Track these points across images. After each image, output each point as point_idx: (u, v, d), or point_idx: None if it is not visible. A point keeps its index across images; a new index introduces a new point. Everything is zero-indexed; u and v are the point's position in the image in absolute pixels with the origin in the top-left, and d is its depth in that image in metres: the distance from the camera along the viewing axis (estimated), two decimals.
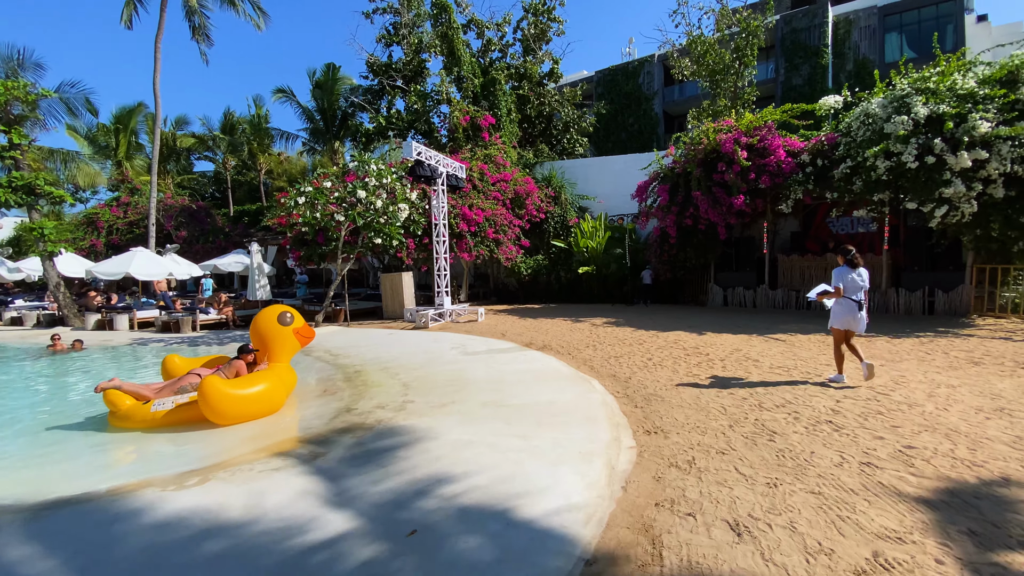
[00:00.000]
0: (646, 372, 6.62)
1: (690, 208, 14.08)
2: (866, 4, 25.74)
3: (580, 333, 10.19)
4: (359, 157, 11.97)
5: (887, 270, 12.73)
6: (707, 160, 14.02)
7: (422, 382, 6.54)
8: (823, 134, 12.77)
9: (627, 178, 18.92)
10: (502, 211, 15.99)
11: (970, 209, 9.27)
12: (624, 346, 8.54)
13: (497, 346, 9.03)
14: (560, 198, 18.52)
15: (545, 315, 13.96)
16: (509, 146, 18.77)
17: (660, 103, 31.28)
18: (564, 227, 18.45)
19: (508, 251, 16.16)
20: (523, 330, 10.96)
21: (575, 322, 12.10)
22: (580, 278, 18.45)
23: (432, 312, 12.61)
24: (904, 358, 6.90)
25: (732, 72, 20.60)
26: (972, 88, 9.71)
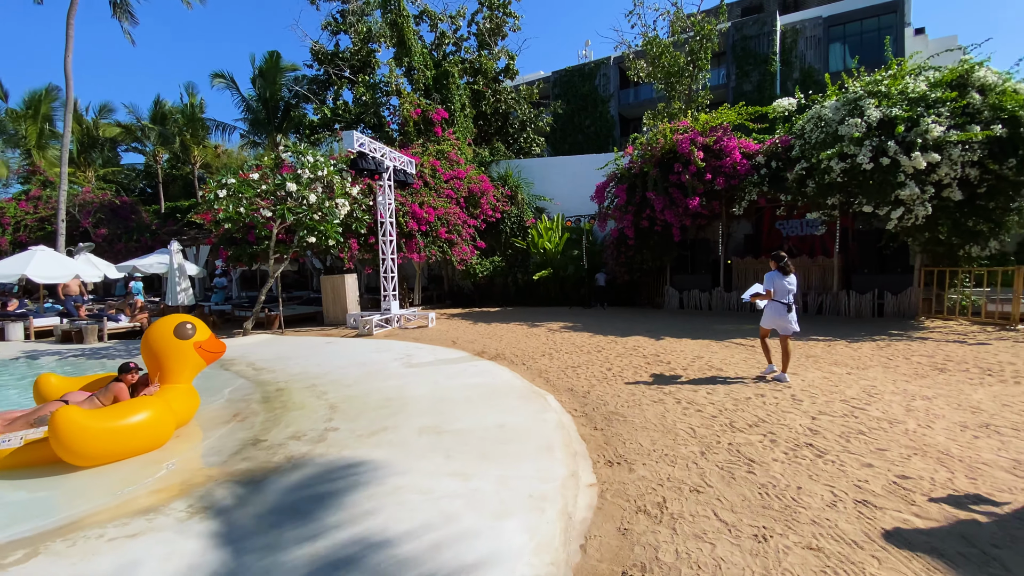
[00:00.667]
0: (606, 385, 6.01)
1: (647, 209, 13.78)
2: (812, 15, 26.63)
3: (536, 340, 9.54)
4: (294, 147, 10.85)
5: (838, 273, 12.83)
6: (664, 161, 13.76)
7: (353, 403, 5.66)
8: (777, 136, 12.74)
9: (584, 179, 18.54)
10: (455, 210, 15.18)
11: (924, 212, 9.28)
12: (582, 354, 7.95)
13: (446, 356, 8.24)
14: (517, 198, 17.89)
15: (501, 319, 13.25)
16: (463, 142, 17.97)
17: (616, 105, 31.33)
18: (521, 228, 17.82)
19: (462, 252, 15.36)
20: (476, 336, 10.20)
21: (531, 327, 11.46)
22: (537, 280, 17.88)
23: (377, 318, 11.64)
24: (868, 364, 6.64)
25: (687, 75, 20.67)
26: (923, 91, 9.78)
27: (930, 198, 9.41)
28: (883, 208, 9.41)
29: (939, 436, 3.98)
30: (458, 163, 16.49)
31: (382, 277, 12.15)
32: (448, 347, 9.15)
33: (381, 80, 19.38)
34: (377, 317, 11.64)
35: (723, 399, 5.26)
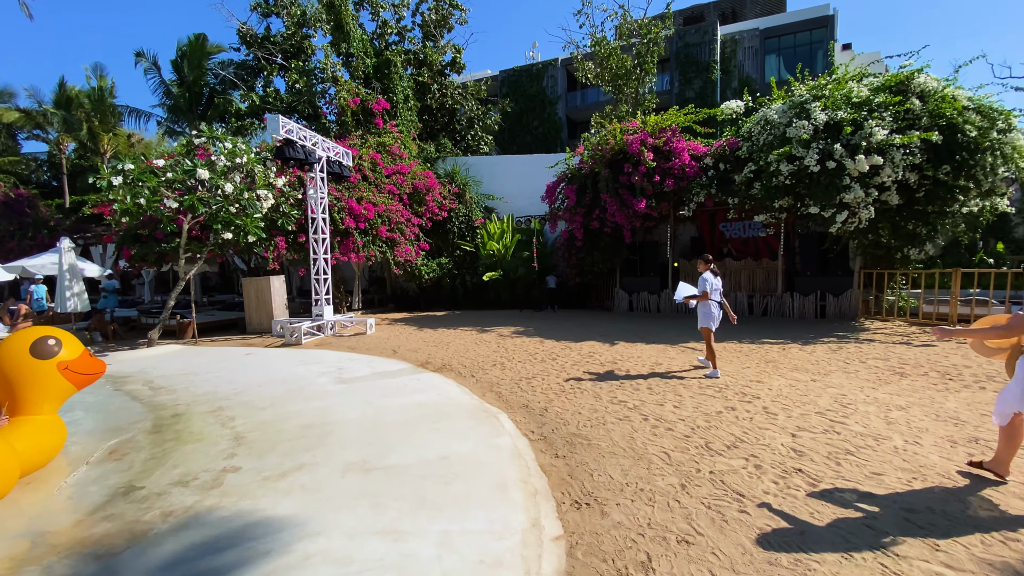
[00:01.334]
0: (564, 399, 5.38)
1: (596, 210, 13.42)
2: (749, 26, 27.68)
3: (486, 347, 8.81)
4: (209, 131, 9.52)
5: (782, 275, 13.00)
6: (614, 161, 13.46)
7: (265, 432, 4.68)
8: (724, 139, 12.74)
9: (534, 178, 18.03)
10: (398, 207, 14.17)
11: (867, 215, 9.39)
12: (536, 363, 7.29)
13: (385, 367, 7.33)
14: (465, 196, 17.09)
15: (448, 324, 12.41)
16: (407, 136, 16.95)
17: (564, 108, 31.25)
18: (470, 228, 17.03)
19: (405, 252, 14.37)
20: (420, 344, 9.33)
21: (481, 332, 10.71)
22: (486, 283, 17.15)
23: (308, 324, 10.47)
24: (828, 369, 6.43)
25: (634, 78, 20.72)
26: (866, 96, 9.94)
27: (873, 201, 9.55)
28: (828, 210, 9.44)
29: (932, 456, 3.63)
30: (401, 157, 15.47)
31: (313, 279, 10.99)
32: (388, 357, 8.23)
33: (316, 66, 17.96)
34: (307, 324, 10.47)
35: (692, 414, 4.75)
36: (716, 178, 12.22)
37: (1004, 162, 9.28)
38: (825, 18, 26.34)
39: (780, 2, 30.52)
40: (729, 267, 14.08)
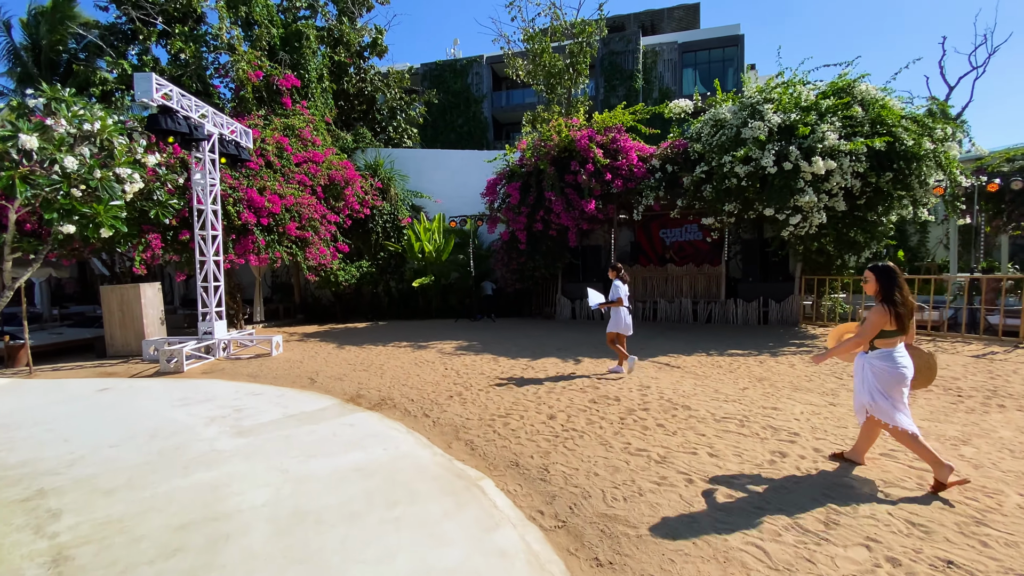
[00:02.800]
0: (565, 450, 4.07)
1: (540, 211, 12.37)
2: (669, 39, 28.55)
3: (431, 369, 7.26)
4: (52, 92, 6.97)
5: (725, 282, 12.82)
6: (559, 159, 12.52)
7: (110, 543, 2.85)
8: (671, 139, 12.30)
9: (467, 176, 16.64)
10: (311, 201, 12.05)
11: (819, 219, 9.20)
12: (502, 391, 5.92)
13: (301, 406, 5.55)
14: (389, 192, 15.22)
15: (375, 339, 10.58)
16: (320, 121, 14.75)
17: (489, 107, 30.19)
18: (395, 228, 15.19)
19: (319, 254, 12.26)
20: (345, 368, 7.54)
21: (418, 349, 9.10)
22: (415, 289, 15.41)
23: (192, 345, 8.19)
24: (834, 389, 5.78)
25: (567, 78, 20.13)
26: (814, 100, 9.84)
27: (824, 207, 9.42)
28: (783, 213, 9.13)
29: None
30: (314, 144, 13.31)
31: (200, 287, 8.69)
32: (304, 389, 6.40)
33: (208, 32, 15.10)
34: (191, 345, 8.19)
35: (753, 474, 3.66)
36: (664, 180, 11.69)
37: (939, 171, 9.57)
38: (735, 37, 27.86)
39: (694, 19, 31.97)
40: (671, 273, 13.72)
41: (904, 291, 3.14)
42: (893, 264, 3.24)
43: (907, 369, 3.17)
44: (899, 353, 3.19)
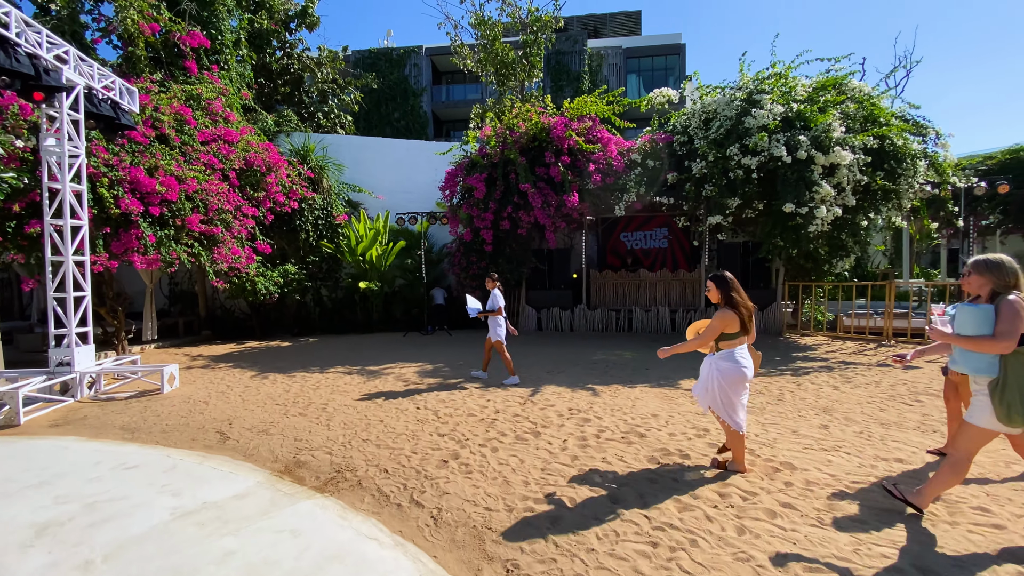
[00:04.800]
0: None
1: (508, 207, 10.73)
2: (614, 43, 28.22)
3: (397, 410, 5.32)
4: None
5: (704, 288, 11.89)
6: (530, 148, 10.98)
7: None
8: (650, 132, 11.20)
9: (414, 169, 14.65)
10: (222, 188, 9.55)
11: (834, 214, 8.36)
12: (517, 447, 4.14)
13: (203, 493, 3.47)
14: (322, 183, 12.86)
15: (308, 361, 8.34)
16: (236, 94, 12.13)
17: (429, 102, 28.18)
18: (329, 226, 12.84)
19: (232, 255, 9.77)
20: (272, 412, 5.40)
21: (369, 376, 7.06)
22: (351, 298, 13.13)
23: (37, 383, 5.62)
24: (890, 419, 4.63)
25: (520, 69, 18.74)
26: (811, 93, 9.11)
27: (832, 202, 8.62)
28: (805, 207, 8.18)
29: None
30: (227, 119, 10.75)
31: (51, 298, 6.09)
32: (209, 452, 4.26)
33: None
34: (36, 383, 5.62)
35: None
36: (646, 176, 10.51)
37: (932, 172, 9.15)
38: (677, 46, 28.08)
39: (636, 26, 32.07)
40: (644, 279, 12.63)
41: (741, 295, 3.29)
42: (728, 273, 3.35)
43: (748, 369, 3.31)
44: (741, 354, 3.32)
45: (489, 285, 6.68)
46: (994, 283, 2.54)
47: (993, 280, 2.54)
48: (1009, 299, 2.45)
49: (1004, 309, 2.43)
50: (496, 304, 6.50)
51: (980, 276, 2.59)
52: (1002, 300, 2.47)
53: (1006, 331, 2.39)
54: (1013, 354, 2.43)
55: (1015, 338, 2.39)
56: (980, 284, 2.60)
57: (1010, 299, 2.45)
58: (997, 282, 2.53)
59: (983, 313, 2.51)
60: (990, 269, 2.56)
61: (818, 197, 8.10)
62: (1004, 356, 2.44)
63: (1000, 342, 2.39)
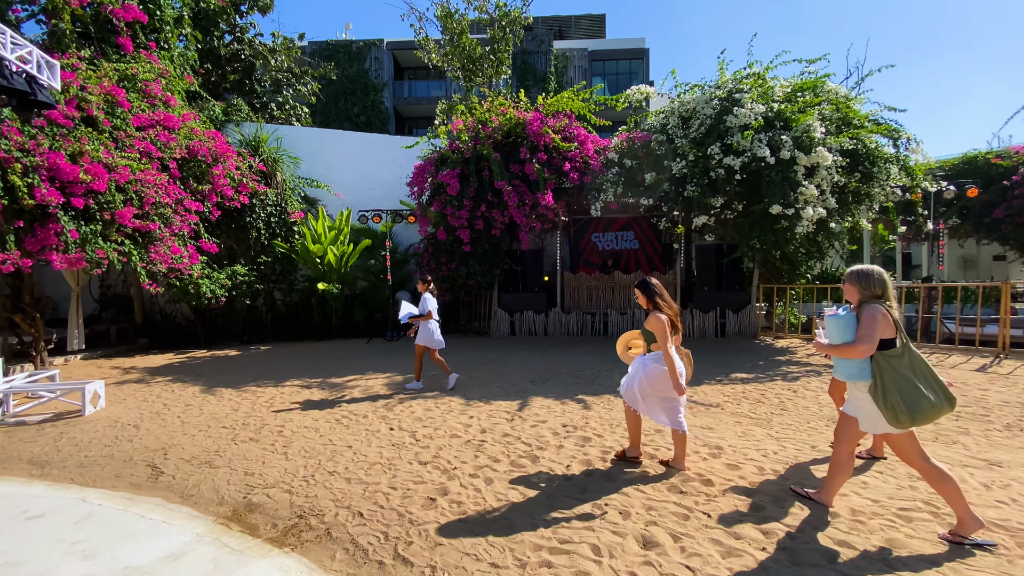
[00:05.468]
0: None
1: (483, 205, 10.15)
2: (579, 45, 28.16)
3: (367, 431, 4.65)
4: None
5: (680, 291, 11.73)
6: (504, 144, 10.45)
7: None
8: (627, 131, 10.91)
9: (377, 164, 13.85)
10: (160, 179, 8.51)
11: (819, 215, 8.25)
12: (524, 486, 3.60)
13: (123, 552, 2.72)
14: (276, 178, 11.87)
15: (260, 373, 7.46)
16: (177, 77, 10.98)
17: (391, 97, 27.19)
18: (284, 224, 11.86)
19: (172, 255, 8.74)
20: (217, 437, 4.61)
21: (332, 390, 6.31)
22: (310, 301, 12.18)
23: None
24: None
25: (488, 65, 18.21)
26: (789, 94, 9.02)
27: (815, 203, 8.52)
28: (791, 208, 8.02)
29: None
30: (167, 103, 9.67)
31: None
32: (137, 493, 3.48)
33: None
34: None
35: None
36: (623, 175, 10.20)
37: (904, 175, 9.24)
38: (641, 51, 28.34)
39: (600, 30, 32.19)
40: (619, 281, 12.34)
41: (666, 298, 3.40)
42: (652, 279, 3.47)
43: (680, 369, 3.39)
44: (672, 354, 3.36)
45: (421, 288, 6.44)
46: (861, 292, 2.67)
47: (860, 290, 2.67)
48: (870, 306, 2.59)
49: (863, 315, 2.59)
50: (426, 308, 6.22)
51: (851, 285, 2.72)
52: (863, 307, 2.62)
53: (863, 335, 2.54)
54: (884, 359, 2.55)
55: (873, 342, 2.52)
56: (852, 293, 2.73)
57: (870, 306, 2.59)
58: (864, 292, 2.66)
59: (845, 321, 2.66)
60: (859, 279, 2.68)
61: (802, 198, 7.96)
62: (877, 362, 2.57)
63: (859, 346, 2.54)
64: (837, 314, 2.71)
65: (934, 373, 2.55)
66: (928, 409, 2.45)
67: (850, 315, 2.67)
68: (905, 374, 2.51)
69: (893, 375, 2.51)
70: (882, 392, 2.52)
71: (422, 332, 6.29)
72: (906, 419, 2.46)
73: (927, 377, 2.52)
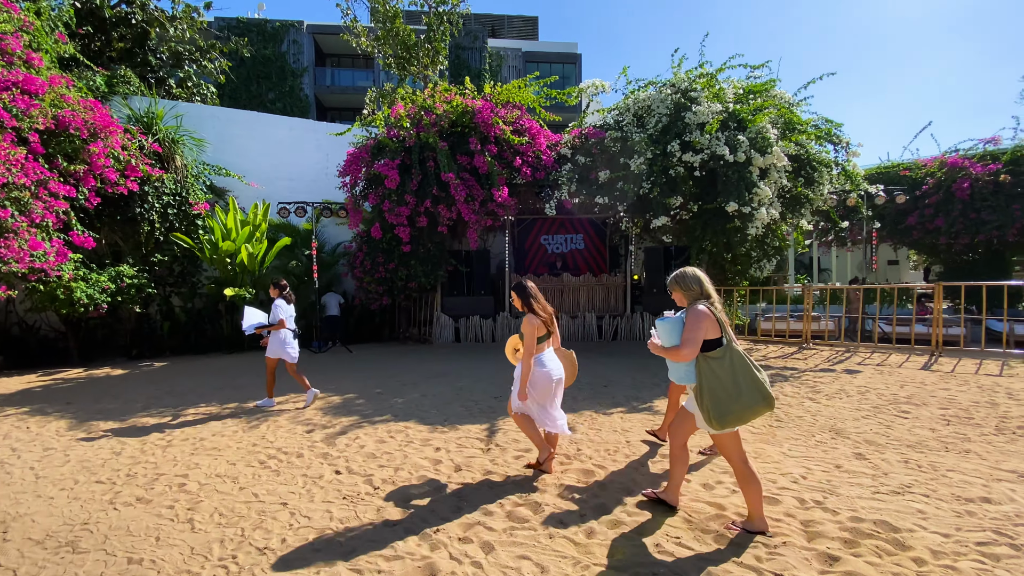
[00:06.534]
0: None
1: (427, 200, 9.17)
2: (514, 45, 27.78)
3: (306, 481, 3.59)
4: None
5: (630, 293, 11.47)
6: (450, 133, 9.55)
7: None
8: (577, 126, 10.46)
9: (299, 152, 12.37)
10: (14, 154, 6.67)
11: (772, 215, 8.22)
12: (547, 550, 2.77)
13: None
14: (175, 161, 10.05)
15: (152, 400, 5.97)
16: (46, 32, 8.90)
17: (311, 84, 25.09)
18: (184, 216, 10.08)
19: (31, 252, 6.91)
20: (89, 506, 3.33)
21: (252, 421, 5.09)
22: (217, 308, 10.48)
23: None
24: (890, 431, 4.17)
25: (423, 54, 17.15)
26: (740, 95, 9.00)
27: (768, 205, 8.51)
28: (747, 207, 7.90)
29: None
30: (28, 63, 7.72)
31: None
32: None
33: None
34: None
35: None
36: (577, 172, 9.72)
37: (845, 181, 9.57)
38: (574, 55, 28.56)
39: (533, 32, 32.08)
40: (567, 284, 11.87)
41: (540, 300, 3.40)
42: (527, 281, 3.48)
43: (555, 371, 3.38)
44: (547, 357, 3.39)
45: (273, 293, 5.72)
46: (683, 294, 2.67)
47: (682, 291, 2.68)
48: (694, 308, 2.58)
49: (688, 317, 2.57)
50: (278, 316, 5.57)
51: (675, 289, 2.72)
52: (688, 310, 2.61)
53: (687, 339, 2.52)
54: (705, 361, 2.55)
55: (696, 345, 2.51)
56: (678, 297, 2.72)
57: (694, 308, 2.58)
58: (686, 293, 2.66)
59: (673, 324, 2.64)
60: (677, 282, 2.71)
61: (756, 199, 7.88)
62: (699, 364, 2.57)
63: (682, 350, 2.52)
64: (668, 317, 2.68)
65: (753, 373, 2.53)
66: (740, 411, 2.47)
67: (679, 318, 2.64)
68: (721, 376, 2.51)
69: (710, 377, 2.53)
70: (699, 394, 2.55)
71: (273, 343, 5.64)
72: (715, 423, 2.48)
73: (746, 378, 2.51)
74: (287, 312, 5.69)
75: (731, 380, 2.50)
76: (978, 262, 11.58)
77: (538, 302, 3.38)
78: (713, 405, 2.49)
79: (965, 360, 7.46)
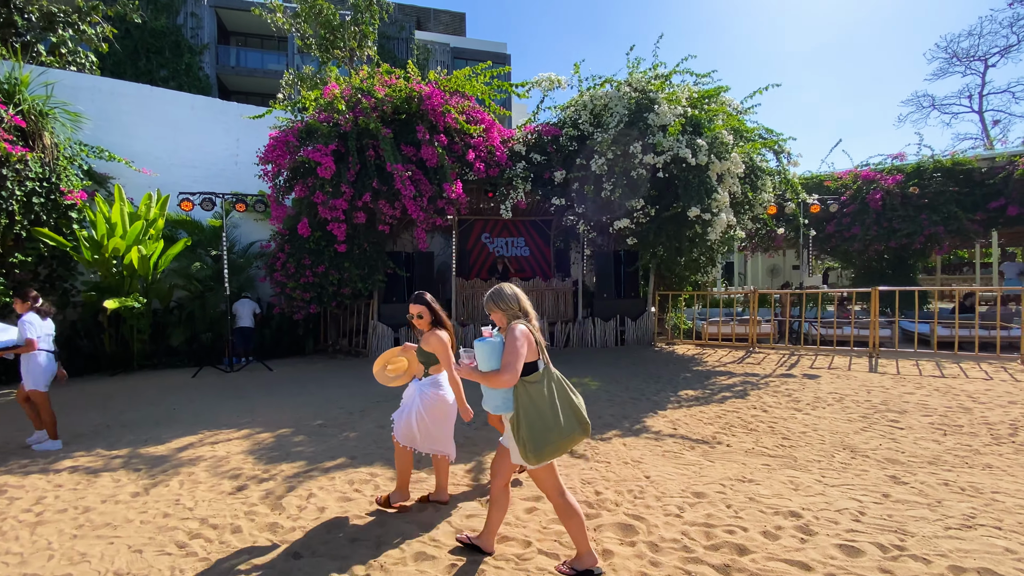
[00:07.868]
0: None
1: (366, 194, 8.06)
2: (442, 39, 26.80)
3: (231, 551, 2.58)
4: None
5: (582, 299, 11.09)
6: (393, 120, 8.53)
7: None
8: (530, 122, 9.90)
9: (204, 135, 10.65)
10: None
11: (730, 222, 8.18)
12: None
13: None
14: (42, 139, 8.01)
15: (5, 441, 4.41)
16: None
17: (213, 64, 22.33)
18: (54, 206, 8.08)
19: None
20: None
21: (155, 474, 3.83)
22: (96, 320, 8.57)
23: None
24: (899, 445, 4.05)
25: (350, 37, 15.75)
26: (695, 100, 8.93)
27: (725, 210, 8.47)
28: (708, 212, 7.77)
29: None
30: None
31: None
32: None
33: None
34: None
35: None
36: (532, 171, 9.15)
37: (789, 189, 9.88)
38: (504, 55, 28.15)
39: (460, 28, 31.24)
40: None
41: (443, 314, 3.07)
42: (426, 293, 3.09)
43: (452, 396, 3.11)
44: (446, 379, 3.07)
45: (19, 308, 4.49)
46: (503, 313, 2.44)
47: (500, 310, 2.44)
48: (513, 328, 2.34)
49: (507, 339, 2.33)
50: (25, 334, 4.36)
51: (493, 309, 2.47)
52: (507, 330, 2.37)
53: (508, 362, 2.25)
54: (523, 386, 2.33)
55: (517, 370, 2.25)
56: (497, 316, 2.48)
57: (513, 328, 2.34)
58: (505, 311, 2.44)
59: (492, 346, 2.37)
60: (494, 300, 2.47)
61: (715, 204, 7.80)
62: (517, 391, 2.33)
63: (503, 376, 2.24)
64: (487, 338, 2.42)
65: (571, 397, 2.40)
66: (556, 441, 2.29)
67: (500, 340, 2.40)
68: (538, 403, 2.32)
69: (528, 406, 2.31)
70: (516, 425, 2.32)
71: (32, 371, 4.45)
72: (532, 457, 2.27)
73: (564, 403, 2.37)
74: (42, 330, 4.51)
75: (549, 406, 2.32)
76: (886, 267, 12.66)
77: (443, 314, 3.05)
78: (530, 437, 2.26)
79: (903, 361, 7.87)
